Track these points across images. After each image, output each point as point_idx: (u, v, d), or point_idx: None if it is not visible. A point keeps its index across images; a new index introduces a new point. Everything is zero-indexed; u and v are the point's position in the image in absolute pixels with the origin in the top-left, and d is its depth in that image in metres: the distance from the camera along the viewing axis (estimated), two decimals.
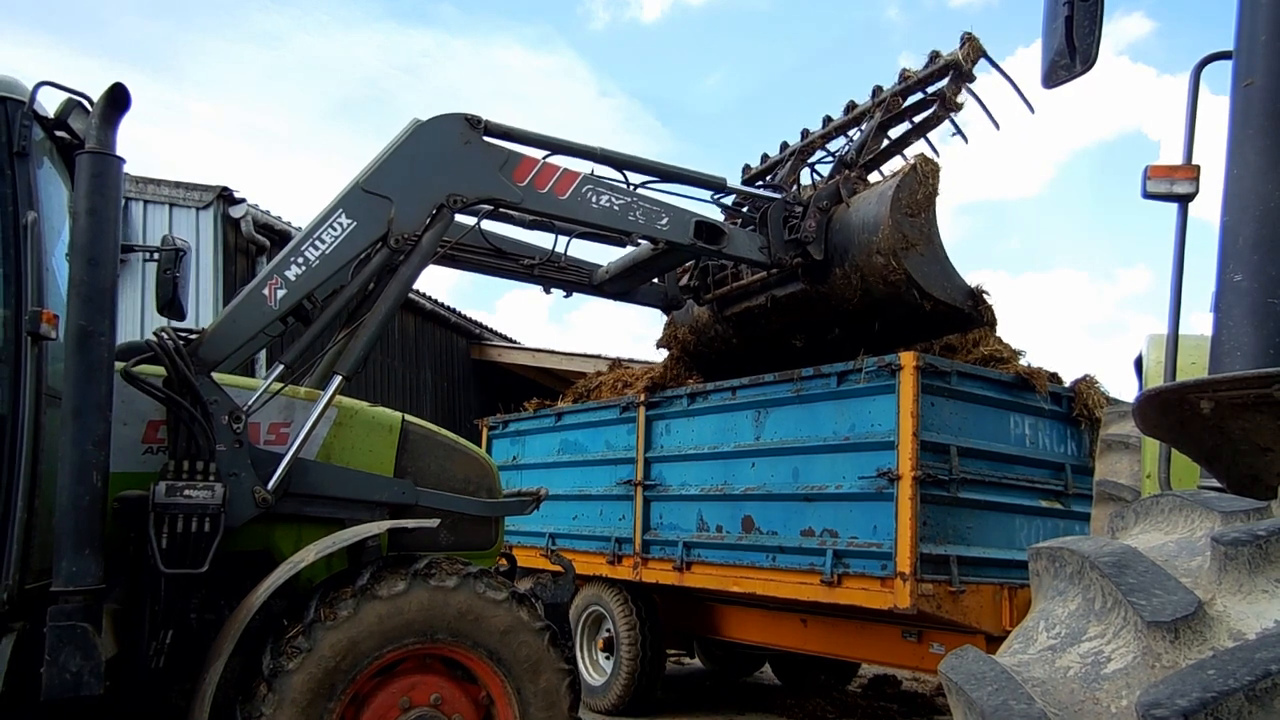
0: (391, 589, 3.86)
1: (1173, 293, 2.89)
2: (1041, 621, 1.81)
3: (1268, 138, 2.18)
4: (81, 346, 3.42)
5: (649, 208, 5.37)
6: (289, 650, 3.67)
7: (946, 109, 6.25)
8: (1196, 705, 1.27)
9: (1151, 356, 4.02)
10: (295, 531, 4.19)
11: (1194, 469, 2.70)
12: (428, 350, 14.86)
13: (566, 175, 5.08)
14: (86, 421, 3.40)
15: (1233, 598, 1.50)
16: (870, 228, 5.92)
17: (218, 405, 3.96)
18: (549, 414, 8.93)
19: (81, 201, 3.51)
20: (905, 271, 5.78)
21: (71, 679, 3.27)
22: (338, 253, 4.41)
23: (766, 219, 5.96)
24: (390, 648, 3.84)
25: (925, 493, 5.45)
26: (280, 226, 11.05)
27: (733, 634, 7.72)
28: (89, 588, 3.35)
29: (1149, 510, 2.02)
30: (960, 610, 5.47)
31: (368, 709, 3.88)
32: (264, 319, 4.27)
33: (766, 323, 6.85)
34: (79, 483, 3.36)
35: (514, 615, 4.06)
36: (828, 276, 6.19)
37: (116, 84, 3.58)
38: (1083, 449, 6.37)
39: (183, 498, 3.71)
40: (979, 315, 6.10)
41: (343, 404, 4.48)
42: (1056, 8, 2.57)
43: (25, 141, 3.51)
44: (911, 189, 5.94)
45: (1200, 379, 1.98)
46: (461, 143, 4.78)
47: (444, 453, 4.71)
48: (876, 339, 6.24)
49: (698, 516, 6.99)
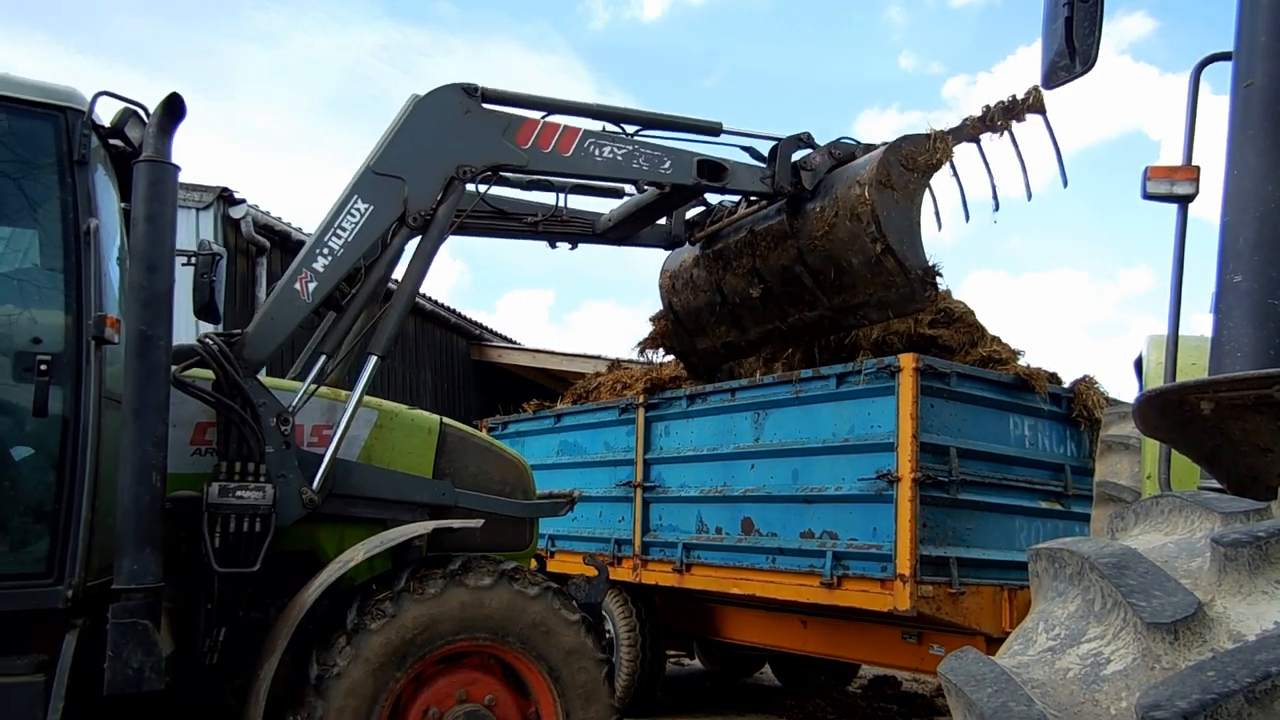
0: (478, 580, 4.00)
1: (1173, 293, 2.89)
2: (1041, 623, 1.81)
3: (1268, 139, 2.18)
4: (141, 350, 3.53)
5: (651, 153, 5.37)
6: (374, 612, 3.83)
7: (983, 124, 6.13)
8: (1196, 707, 1.27)
9: (1152, 357, 4.02)
10: (338, 531, 4.29)
11: (1194, 470, 2.70)
12: (428, 351, 14.87)
13: (568, 132, 5.08)
14: (146, 423, 3.51)
15: (1233, 599, 1.49)
16: (861, 166, 5.92)
17: (266, 408, 4.06)
18: (548, 415, 8.93)
19: (140, 208, 3.61)
20: (873, 204, 5.69)
21: (134, 674, 3.37)
22: (360, 238, 4.48)
23: (778, 151, 5.94)
24: (464, 636, 3.98)
25: (925, 494, 5.45)
26: (280, 227, 11.03)
27: (732, 635, 7.72)
28: (150, 585, 3.46)
29: (1149, 511, 2.01)
30: (960, 612, 5.47)
31: (427, 689, 4.00)
32: (300, 313, 4.37)
33: (737, 261, 6.76)
34: (140, 483, 3.48)
35: (580, 639, 4.15)
36: (806, 212, 6.15)
37: (173, 94, 3.70)
38: (1082, 450, 6.36)
39: (235, 498, 3.84)
40: (923, 292, 5.91)
41: (383, 407, 4.60)
42: (1056, 8, 2.57)
43: (85, 150, 3.61)
44: (916, 146, 5.90)
45: (1200, 380, 1.98)
46: (462, 112, 4.79)
47: (480, 454, 4.81)
48: (824, 297, 6.24)
49: (697, 518, 6.99)
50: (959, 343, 6.84)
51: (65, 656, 3.35)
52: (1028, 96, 6.02)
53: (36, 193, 3.62)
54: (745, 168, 5.85)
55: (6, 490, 3.51)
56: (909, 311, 6.27)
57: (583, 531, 8.17)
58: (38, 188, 3.62)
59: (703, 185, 5.64)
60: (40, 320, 3.56)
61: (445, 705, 4.00)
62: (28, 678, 3.31)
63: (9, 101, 3.56)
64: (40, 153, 3.59)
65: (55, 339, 3.51)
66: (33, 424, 3.48)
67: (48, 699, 3.26)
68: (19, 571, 3.43)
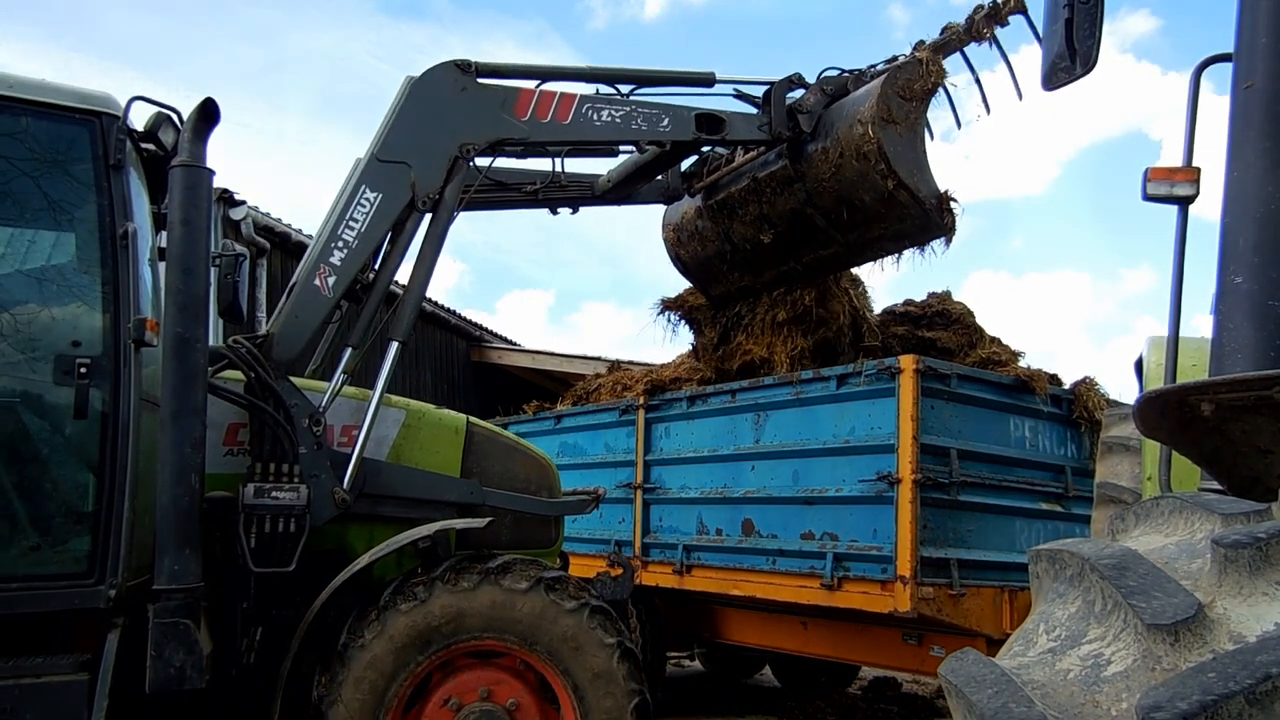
0: (514, 583, 4.02)
1: (1173, 295, 2.90)
2: (1041, 624, 1.80)
3: (1268, 140, 2.18)
4: (179, 353, 3.58)
5: (648, 112, 5.36)
6: (407, 593, 3.93)
7: (969, 35, 6.12)
8: (1196, 708, 1.27)
9: (1152, 358, 4.03)
10: (368, 531, 4.32)
11: (1194, 471, 2.70)
12: (427, 352, 14.85)
13: (564, 99, 5.05)
14: (184, 425, 3.56)
15: (1233, 600, 1.49)
16: (859, 102, 5.88)
17: (298, 408, 4.11)
18: (548, 416, 8.93)
19: (175, 212, 3.66)
20: (878, 142, 5.66)
21: (175, 673, 3.43)
22: (373, 227, 4.49)
23: (770, 96, 5.93)
24: (492, 635, 4.00)
25: (925, 496, 5.44)
26: (280, 228, 11.02)
27: (733, 637, 7.71)
28: (190, 585, 3.51)
29: (1149, 512, 2.01)
30: (960, 613, 5.46)
31: (454, 679, 4.04)
32: (324, 308, 4.40)
33: (743, 210, 6.72)
34: (179, 484, 3.53)
35: (611, 664, 4.07)
36: (809, 154, 6.12)
37: (207, 99, 3.74)
38: (1083, 451, 6.36)
39: (270, 499, 3.91)
40: (940, 220, 5.91)
41: (410, 406, 4.65)
42: (1057, 10, 2.58)
43: (120, 155, 3.67)
44: (910, 75, 5.89)
45: (1201, 381, 1.98)
46: (458, 90, 4.76)
47: (507, 453, 4.84)
48: (839, 235, 6.18)
49: (697, 519, 6.99)
50: (958, 344, 6.84)
51: (108, 655, 3.41)
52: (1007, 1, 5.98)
53: (73, 197, 3.68)
54: (741, 117, 5.82)
55: (49, 492, 3.58)
56: (928, 239, 6.20)
57: (583, 533, 8.16)
58: (75, 192, 3.67)
59: (702, 139, 5.61)
60: (79, 323, 3.62)
61: (467, 699, 4.03)
62: (73, 676, 3.37)
63: (47, 107, 3.63)
64: (77, 157, 3.65)
65: (94, 342, 3.58)
66: (73, 426, 3.55)
67: (92, 697, 3.32)
68: (62, 572, 3.50)
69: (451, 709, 4.01)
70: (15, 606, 3.41)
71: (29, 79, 3.66)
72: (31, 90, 3.61)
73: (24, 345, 3.55)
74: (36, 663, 3.38)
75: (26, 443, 3.59)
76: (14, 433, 3.56)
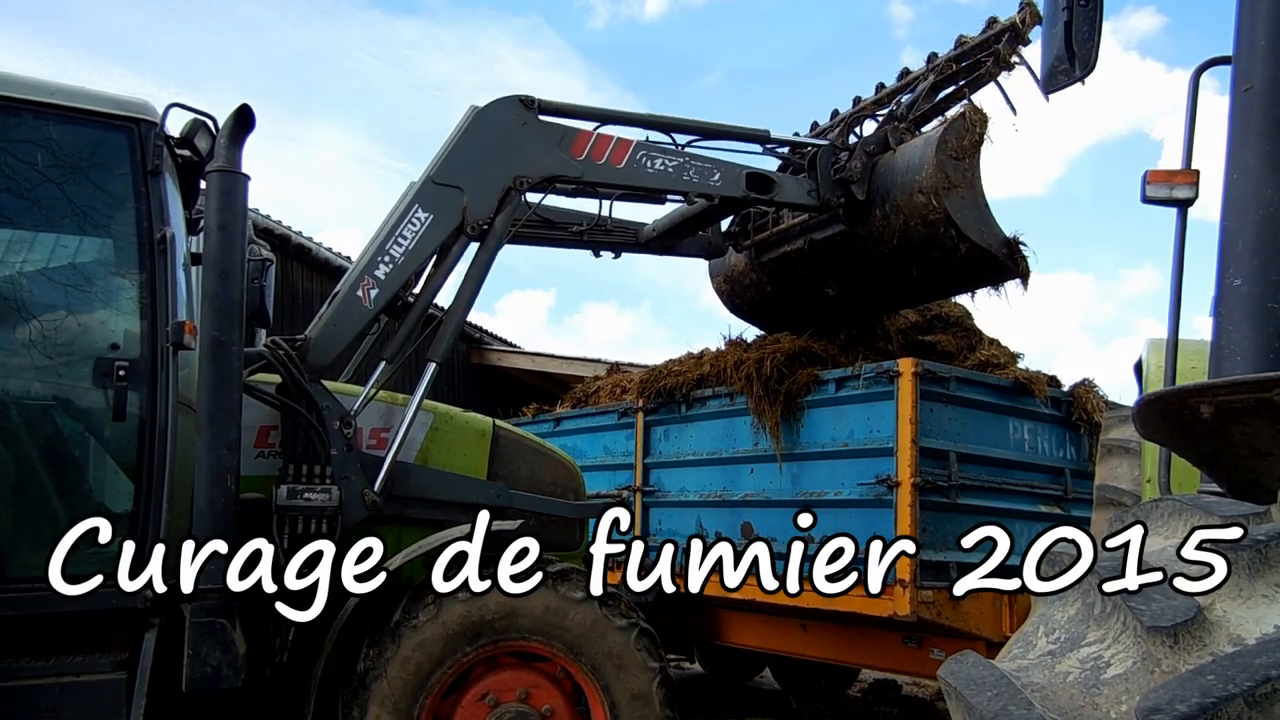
0: (570, 591, 4.06)
1: (1172, 297, 2.90)
2: (1041, 627, 1.80)
3: (1267, 142, 2.18)
4: (215, 356, 3.63)
5: (701, 165, 5.46)
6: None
7: (999, 65, 6.18)
8: (1196, 711, 1.26)
9: (1151, 361, 4.02)
10: (396, 533, 4.34)
11: (1194, 473, 2.70)
12: None
13: (620, 144, 5.17)
14: (221, 427, 3.62)
15: (1232, 603, 1.49)
16: (915, 168, 5.90)
17: (330, 411, 4.16)
18: (547, 419, 8.92)
19: (212, 217, 3.71)
20: (945, 210, 5.71)
21: (212, 672, 3.49)
22: (420, 246, 4.60)
23: (815, 162, 5.99)
24: (539, 639, 4.04)
25: (924, 499, 5.44)
26: (281, 231, 11.02)
27: (732, 639, 7.70)
28: (226, 585, 3.55)
29: (1149, 515, 2.01)
30: (960, 616, 5.46)
31: (494, 675, 4.09)
32: (363, 319, 4.48)
33: (802, 268, 6.78)
34: (215, 485, 3.58)
35: (650, 687, 4.12)
36: (868, 218, 6.14)
37: (243, 105, 3.80)
38: (1082, 454, 6.36)
39: (303, 500, 3.96)
40: (1014, 265, 6.00)
41: (437, 410, 4.70)
42: (1056, 12, 2.58)
43: (158, 160, 3.72)
44: (959, 133, 5.91)
45: (1200, 383, 1.98)
46: (520, 124, 4.88)
47: (533, 456, 4.90)
48: (908, 287, 6.21)
49: (696, 522, 6.98)
50: (956, 347, 6.83)
51: (146, 655, 3.46)
52: (1023, 15, 5.96)
53: (112, 203, 3.74)
54: (791, 180, 5.92)
55: (88, 493, 3.64)
56: (1003, 282, 6.25)
57: None
58: (113, 198, 3.73)
59: (751, 198, 5.71)
60: (117, 327, 3.68)
61: (504, 697, 4.07)
62: (112, 675, 3.44)
63: (86, 114, 3.67)
64: (115, 163, 3.71)
65: (132, 345, 3.64)
66: (112, 429, 3.60)
67: (130, 696, 3.38)
68: (102, 572, 3.52)
69: (488, 704, 4.04)
70: (55, 606, 3.44)
71: (69, 86, 3.70)
72: (71, 97, 3.66)
73: (64, 349, 3.61)
74: (76, 661, 3.44)
75: (66, 445, 3.64)
76: (54, 435, 3.61)
